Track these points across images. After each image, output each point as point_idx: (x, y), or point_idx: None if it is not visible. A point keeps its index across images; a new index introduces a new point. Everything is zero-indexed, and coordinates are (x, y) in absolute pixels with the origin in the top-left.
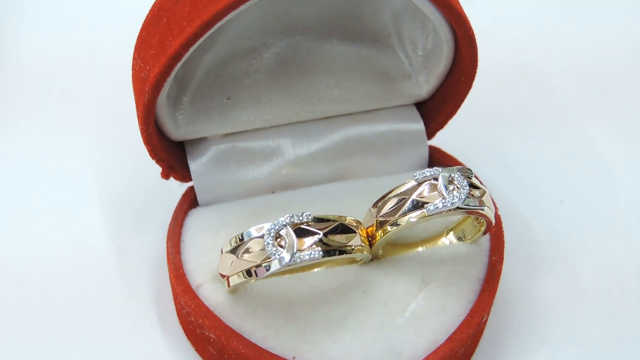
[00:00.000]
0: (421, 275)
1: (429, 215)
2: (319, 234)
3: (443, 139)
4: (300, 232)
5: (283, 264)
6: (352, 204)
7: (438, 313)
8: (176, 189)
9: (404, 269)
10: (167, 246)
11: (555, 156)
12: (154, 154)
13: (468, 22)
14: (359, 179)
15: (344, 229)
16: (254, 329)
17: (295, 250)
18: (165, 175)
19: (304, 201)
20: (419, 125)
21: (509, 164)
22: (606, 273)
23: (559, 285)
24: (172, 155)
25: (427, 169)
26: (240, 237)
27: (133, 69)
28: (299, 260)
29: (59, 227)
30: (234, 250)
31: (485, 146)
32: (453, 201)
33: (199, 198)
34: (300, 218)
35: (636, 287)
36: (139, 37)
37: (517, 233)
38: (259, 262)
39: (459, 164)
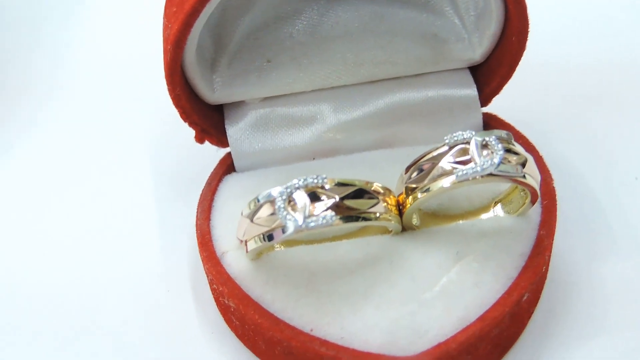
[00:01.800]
0: (456, 248)
1: (458, 182)
2: (334, 198)
3: (504, 106)
4: (314, 196)
5: (293, 229)
6: (395, 172)
7: (472, 289)
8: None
9: (438, 241)
10: (197, 212)
11: (631, 130)
12: (186, 116)
13: None
14: (405, 147)
15: (365, 193)
16: (274, 298)
17: (307, 214)
18: (199, 139)
19: (344, 168)
20: (472, 90)
21: (578, 136)
22: None
23: (622, 270)
24: (206, 119)
25: (461, 132)
26: (257, 200)
27: (163, 29)
28: (311, 225)
29: (103, 196)
30: (249, 214)
31: (552, 116)
32: (484, 166)
33: (236, 164)
34: (316, 181)
35: None
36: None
37: (583, 210)
38: (271, 226)
39: (518, 132)
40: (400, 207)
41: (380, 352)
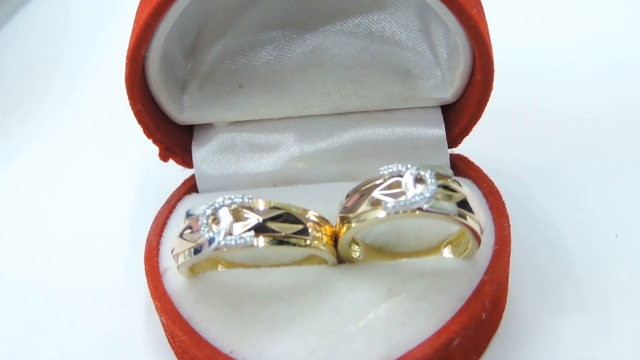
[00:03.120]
0: (390, 285)
1: (388, 214)
2: (257, 219)
3: (477, 149)
4: (238, 216)
5: (211, 246)
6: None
7: (398, 327)
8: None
9: (372, 275)
10: (151, 227)
11: (615, 184)
12: (149, 133)
13: (467, 11)
14: None
15: (292, 219)
16: (201, 318)
17: (227, 232)
18: (163, 157)
19: (303, 197)
20: (440, 130)
21: (556, 185)
22: None
23: (581, 329)
24: (172, 137)
25: (398, 164)
26: (186, 216)
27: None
28: (229, 243)
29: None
30: (180, 230)
31: (532, 163)
32: (413, 201)
33: (199, 186)
34: (241, 201)
35: None
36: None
37: (552, 262)
38: (195, 241)
39: (484, 176)
40: (336, 238)
41: None
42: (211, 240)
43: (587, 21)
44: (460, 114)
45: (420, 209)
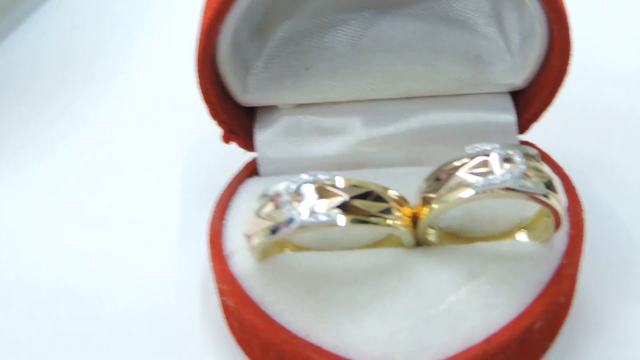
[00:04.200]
0: (470, 268)
1: (475, 194)
2: (343, 196)
3: (544, 137)
4: (323, 193)
5: (297, 224)
6: None
7: (480, 310)
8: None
9: (451, 259)
10: (213, 210)
11: None
12: (214, 113)
13: None
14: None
15: (376, 196)
16: (274, 301)
17: (312, 210)
18: (226, 139)
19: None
20: (510, 116)
21: (620, 180)
22: None
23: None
24: (235, 119)
25: (484, 143)
26: (264, 195)
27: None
28: (317, 219)
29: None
30: (256, 209)
31: (596, 152)
32: (503, 179)
33: (261, 169)
34: (326, 178)
35: None
36: None
37: (615, 252)
38: (275, 220)
39: (555, 162)
40: (415, 220)
41: None
42: (294, 218)
43: None
44: (530, 100)
45: (509, 188)
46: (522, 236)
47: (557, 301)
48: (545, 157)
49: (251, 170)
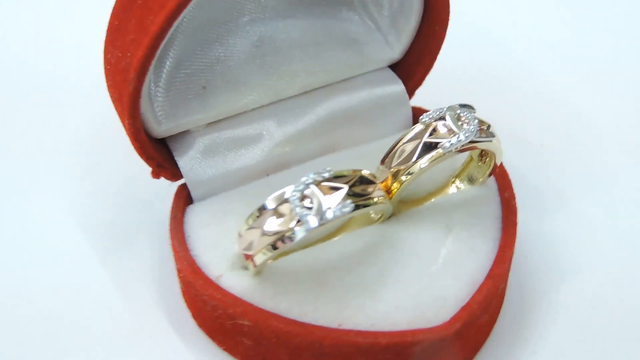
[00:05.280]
0: (443, 222)
1: (445, 154)
2: (344, 187)
3: (424, 100)
4: (326, 189)
5: (317, 223)
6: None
7: (469, 254)
8: (156, 201)
9: (425, 219)
10: (173, 245)
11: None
12: (143, 150)
13: None
14: (349, 149)
15: (365, 180)
16: (290, 306)
17: (326, 208)
18: (156, 174)
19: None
20: (399, 86)
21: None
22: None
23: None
24: (159, 153)
25: (431, 111)
26: (260, 210)
27: (108, 63)
28: (332, 216)
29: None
30: (255, 226)
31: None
32: (467, 135)
33: (193, 194)
34: (323, 175)
35: None
36: (109, 28)
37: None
38: (288, 227)
39: None
40: (387, 192)
41: (411, 328)
42: (314, 218)
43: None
44: (413, 68)
45: (473, 141)
46: (458, 184)
47: (516, 229)
48: None
49: (184, 198)
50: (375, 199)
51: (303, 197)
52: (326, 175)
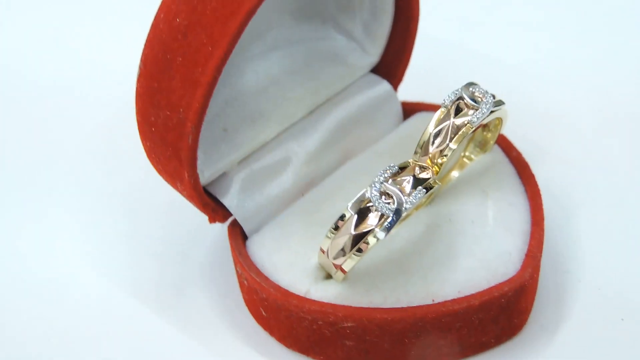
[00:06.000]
0: (479, 188)
1: (473, 128)
2: (410, 177)
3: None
4: (397, 183)
5: (402, 214)
6: (378, 168)
7: (510, 209)
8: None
9: (461, 191)
10: (248, 279)
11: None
12: (200, 199)
13: None
14: (364, 151)
15: (421, 167)
16: (385, 297)
17: (404, 199)
18: (213, 219)
19: (337, 187)
20: (386, 85)
21: None
22: None
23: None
24: (210, 199)
25: (447, 95)
26: (339, 220)
27: (152, 125)
28: (410, 205)
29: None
30: (340, 234)
31: None
32: (488, 106)
33: (246, 228)
34: (391, 171)
35: None
36: (145, 92)
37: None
38: (377, 223)
39: (432, 106)
40: None
41: (492, 285)
42: (399, 208)
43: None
44: (395, 66)
45: (492, 111)
46: (472, 155)
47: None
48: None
49: (237, 235)
50: (432, 182)
51: (381, 195)
52: (393, 170)
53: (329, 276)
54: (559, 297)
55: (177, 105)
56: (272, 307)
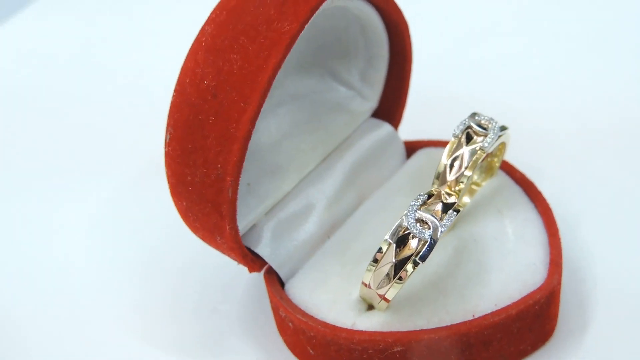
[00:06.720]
0: (494, 208)
1: (486, 153)
2: (440, 203)
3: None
4: (429, 210)
5: (438, 237)
6: (397, 205)
7: (526, 224)
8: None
9: (478, 212)
10: (294, 320)
11: None
12: (241, 251)
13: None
14: (376, 190)
15: (450, 193)
16: (428, 319)
17: (438, 223)
18: (252, 268)
19: (361, 226)
20: (388, 127)
21: None
22: None
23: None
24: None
25: (456, 125)
26: (377, 253)
27: (189, 185)
28: (445, 228)
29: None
30: (380, 265)
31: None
32: (495, 131)
33: (281, 274)
34: (421, 200)
35: None
36: (179, 154)
37: None
38: (417, 250)
39: (431, 142)
40: None
41: (524, 294)
42: (436, 232)
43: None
44: (394, 108)
45: (499, 136)
46: (479, 180)
47: (541, 194)
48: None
49: (274, 282)
50: (458, 206)
51: (417, 222)
52: (423, 199)
53: (370, 307)
54: (579, 301)
55: (215, 162)
56: (320, 344)
